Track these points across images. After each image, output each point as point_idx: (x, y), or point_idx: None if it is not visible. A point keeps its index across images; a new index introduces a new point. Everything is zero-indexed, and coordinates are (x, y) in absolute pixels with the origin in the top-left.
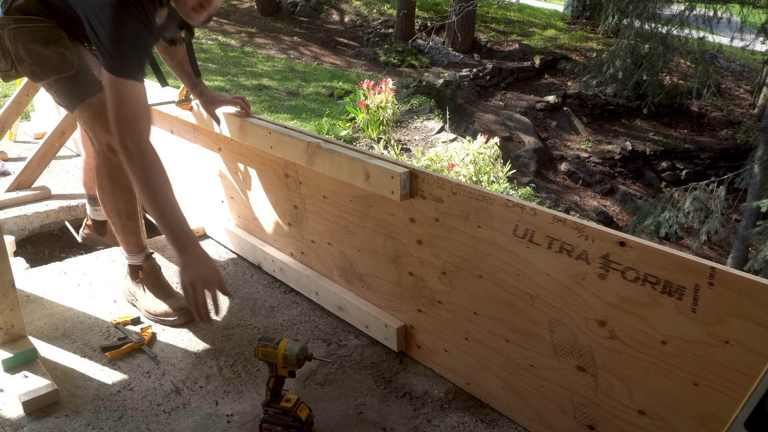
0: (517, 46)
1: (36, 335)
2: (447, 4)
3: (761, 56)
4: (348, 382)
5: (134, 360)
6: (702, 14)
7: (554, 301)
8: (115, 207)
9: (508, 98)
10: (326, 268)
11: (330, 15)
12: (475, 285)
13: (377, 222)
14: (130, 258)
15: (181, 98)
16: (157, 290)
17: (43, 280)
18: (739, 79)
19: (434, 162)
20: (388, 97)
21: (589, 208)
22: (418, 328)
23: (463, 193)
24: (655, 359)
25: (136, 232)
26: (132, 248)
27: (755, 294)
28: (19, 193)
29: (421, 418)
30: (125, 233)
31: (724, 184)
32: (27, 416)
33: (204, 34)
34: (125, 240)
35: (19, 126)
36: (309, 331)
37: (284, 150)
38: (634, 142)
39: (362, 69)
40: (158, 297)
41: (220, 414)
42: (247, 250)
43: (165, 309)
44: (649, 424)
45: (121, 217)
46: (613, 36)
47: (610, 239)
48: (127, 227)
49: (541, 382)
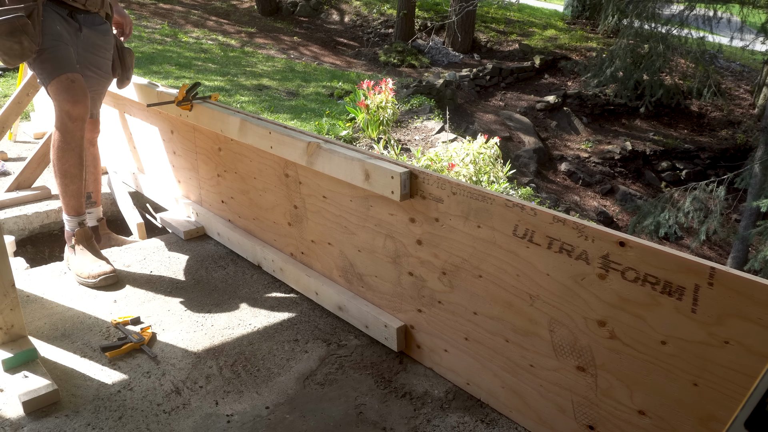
0: (517, 46)
1: (36, 335)
2: (447, 4)
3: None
4: (348, 382)
5: (134, 360)
6: (702, 14)
7: (554, 301)
8: (62, 167)
9: (508, 98)
10: (326, 268)
11: (330, 15)
12: (475, 285)
13: (377, 222)
14: (67, 221)
15: (180, 98)
16: (87, 255)
17: (43, 280)
18: (739, 79)
19: (434, 162)
20: (388, 97)
21: (589, 208)
22: (418, 328)
23: (463, 193)
24: (655, 359)
25: (76, 195)
26: (70, 210)
27: (755, 294)
28: (19, 193)
29: (421, 418)
30: (66, 194)
31: (723, 184)
32: (27, 416)
33: (204, 34)
34: (66, 201)
35: (19, 126)
36: (309, 331)
37: (284, 150)
38: (634, 142)
39: (362, 69)
40: (86, 261)
41: (220, 414)
42: (247, 250)
43: (89, 272)
44: (649, 424)
45: (65, 178)
46: (612, 36)
47: (609, 239)
48: (70, 189)
49: (541, 382)
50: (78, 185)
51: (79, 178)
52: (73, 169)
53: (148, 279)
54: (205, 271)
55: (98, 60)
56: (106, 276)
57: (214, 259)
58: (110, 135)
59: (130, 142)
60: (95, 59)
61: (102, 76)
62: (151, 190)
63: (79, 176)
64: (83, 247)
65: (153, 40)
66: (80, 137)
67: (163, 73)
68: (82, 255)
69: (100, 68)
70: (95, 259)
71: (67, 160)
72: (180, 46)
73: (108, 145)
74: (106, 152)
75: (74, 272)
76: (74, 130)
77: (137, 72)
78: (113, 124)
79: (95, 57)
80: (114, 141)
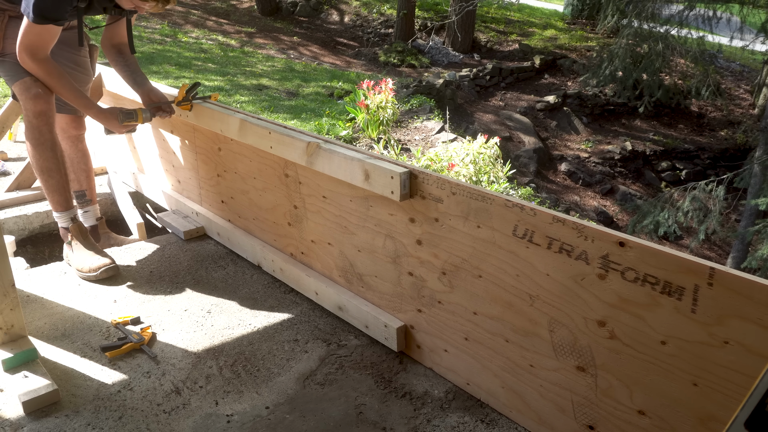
0: (517, 46)
1: (36, 335)
2: (447, 4)
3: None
4: (348, 382)
5: (134, 360)
6: (701, 14)
7: (554, 302)
8: (38, 163)
9: (508, 98)
10: (326, 268)
11: (330, 15)
12: (474, 285)
13: (377, 222)
14: (58, 219)
15: (180, 98)
16: (84, 250)
17: (43, 280)
18: (738, 79)
19: (434, 162)
20: (388, 97)
21: (589, 208)
22: (418, 328)
23: (462, 193)
24: (655, 359)
25: (59, 190)
26: (57, 206)
27: (755, 294)
28: (19, 193)
29: (421, 418)
30: (49, 190)
31: (723, 183)
32: (27, 416)
33: (204, 34)
34: (51, 198)
35: (19, 126)
36: (309, 331)
37: (284, 150)
38: (634, 142)
39: (362, 69)
40: (85, 256)
41: (220, 414)
42: (247, 250)
43: (90, 265)
44: (648, 424)
45: (43, 174)
46: (612, 36)
47: (609, 239)
48: (50, 184)
49: (541, 382)
50: (57, 179)
51: (56, 172)
52: (48, 164)
53: (148, 279)
54: (205, 271)
55: (74, 57)
56: (107, 267)
57: (214, 259)
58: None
59: (130, 142)
60: (71, 56)
61: (81, 72)
62: (151, 190)
63: (56, 170)
64: (80, 242)
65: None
66: (48, 131)
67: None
68: (80, 250)
69: (78, 64)
70: (94, 252)
71: (40, 155)
72: (179, 46)
73: (108, 145)
74: (106, 152)
75: (75, 268)
76: (40, 126)
77: None
78: None
79: (71, 54)
80: (114, 141)
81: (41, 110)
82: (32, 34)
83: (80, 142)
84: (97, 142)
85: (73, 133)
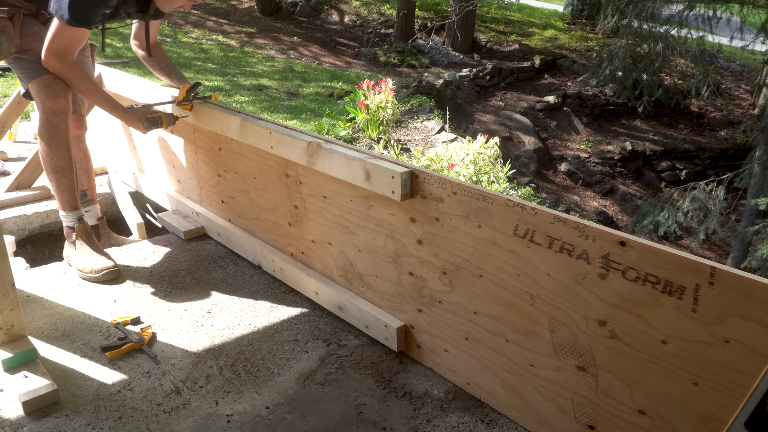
0: (517, 46)
1: (36, 335)
2: (447, 4)
3: (761, 56)
4: (348, 382)
5: (134, 360)
6: (701, 14)
7: (554, 301)
8: (51, 162)
9: (508, 98)
10: (326, 268)
11: (330, 15)
12: (475, 285)
13: (377, 222)
14: (65, 218)
15: (181, 98)
16: (88, 250)
17: (43, 280)
18: (739, 79)
19: (434, 162)
20: (388, 97)
21: (589, 208)
22: (418, 328)
23: (463, 193)
24: (656, 359)
25: (69, 190)
26: (66, 205)
27: (755, 294)
28: (19, 193)
29: (421, 418)
30: (59, 189)
31: (723, 183)
32: (27, 416)
33: (204, 34)
34: (60, 197)
35: (19, 126)
36: (309, 331)
37: (285, 150)
38: (633, 142)
39: (362, 69)
40: (88, 256)
41: (220, 414)
42: (247, 250)
43: (92, 267)
44: (649, 423)
45: (56, 173)
46: (612, 36)
47: (610, 239)
48: (62, 183)
49: (542, 382)
50: (69, 179)
51: (69, 172)
52: (62, 163)
53: (148, 279)
54: (205, 271)
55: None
56: (109, 270)
57: (214, 259)
58: (110, 135)
59: (130, 142)
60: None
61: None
62: (151, 190)
63: (69, 170)
64: (84, 243)
65: None
66: (65, 131)
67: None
68: (83, 250)
69: (83, 64)
70: (97, 254)
71: (55, 154)
72: (179, 46)
73: (108, 145)
74: (106, 152)
75: (76, 268)
76: (58, 124)
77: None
78: (113, 124)
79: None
80: (114, 141)
81: (61, 108)
82: (64, 38)
83: (81, 142)
84: (97, 142)
85: (75, 132)
